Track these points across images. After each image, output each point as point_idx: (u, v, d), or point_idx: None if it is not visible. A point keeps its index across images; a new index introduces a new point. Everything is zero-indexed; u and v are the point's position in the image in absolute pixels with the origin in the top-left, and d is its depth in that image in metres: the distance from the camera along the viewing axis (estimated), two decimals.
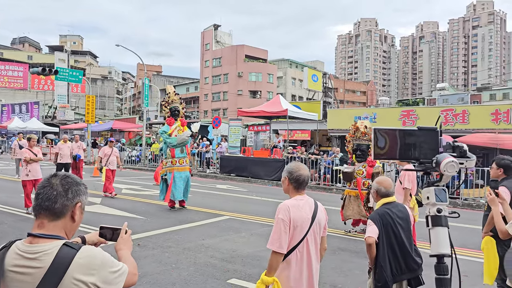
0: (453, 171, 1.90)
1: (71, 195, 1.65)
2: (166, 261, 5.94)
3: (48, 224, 1.61)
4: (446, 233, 1.95)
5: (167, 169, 10.45)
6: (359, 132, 8.30)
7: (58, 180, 1.67)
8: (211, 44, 60.82)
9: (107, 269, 1.58)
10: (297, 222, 2.67)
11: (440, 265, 1.95)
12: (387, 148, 2.11)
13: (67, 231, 1.66)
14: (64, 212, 1.64)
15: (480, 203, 12.73)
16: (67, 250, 1.54)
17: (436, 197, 1.95)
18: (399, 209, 3.61)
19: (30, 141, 9.59)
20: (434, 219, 1.96)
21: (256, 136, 26.22)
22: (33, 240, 1.58)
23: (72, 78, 26.36)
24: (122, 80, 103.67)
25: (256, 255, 6.39)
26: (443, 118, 17.90)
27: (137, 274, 1.79)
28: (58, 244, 1.55)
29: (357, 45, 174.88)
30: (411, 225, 3.62)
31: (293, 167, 2.86)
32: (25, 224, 8.10)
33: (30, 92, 53.31)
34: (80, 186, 1.71)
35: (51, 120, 39.45)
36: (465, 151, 1.98)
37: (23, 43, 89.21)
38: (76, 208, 1.67)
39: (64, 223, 1.65)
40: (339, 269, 5.96)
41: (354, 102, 75.87)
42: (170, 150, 10.46)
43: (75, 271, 1.51)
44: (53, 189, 1.63)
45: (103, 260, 1.59)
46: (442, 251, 1.93)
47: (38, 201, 1.63)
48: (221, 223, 8.79)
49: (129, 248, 1.88)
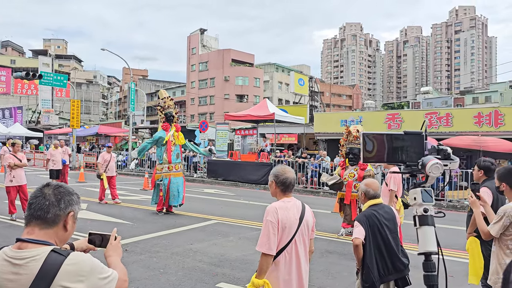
0: (438, 172, 1.99)
1: (63, 205, 1.66)
2: (154, 266, 5.91)
3: (39, 231, 1.61)
4: (433, 232, 2.03)
5: (164, 174, 10.36)
6: (352, 136, 8.49)
7: (51, 190, 1.67)
8: (197, 48, 60.73)
9: (96, 276, 1.56)
10: (285, 224, 2.70)
11: (428, 262, 2.02)
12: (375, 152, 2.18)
13: (57, 240, 1.65)
14: (56, 222, 1.64)
15: (464, 204, 12.94)
16: (55, 257, 1.52)
17: (422, 197, 2.03)
18: (386, 211, 3.67)
19: (14, 147, 9.44)
20: (421, 218, 2.04)
21: (243, 140, 26.25)
22: (21, 245, 1.56)
23: (56, 82, 26.07)
24: (107, 84, 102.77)
25: (244, 259, 6.39)
26: (428, 121, 18.18)
27: (127, 280, 1.78)
28: (46, 250, 1.54)
29: (343, 49, 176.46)
30: (397, 227, 3.67)
31: (279, 170, 2.89)
32: (9, 231, 7.97)
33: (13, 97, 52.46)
34: (73, 196, 1.71)
35: (35, 125, 38.87)
36: (449, 154, 2.08)
37: (6, 47, 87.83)
38: (69, 217, 1.67)
39: (56, 232, 1.64)
40: (327, 271, 5.99)
41: (340, 105, 76.44)
42: (167, 155, 10.39)
43: (63, 278, 1.49)
44: (45, 199, 1.63)
45: (92, 267, 1.57)
46: (429, 249, 2.01)
47: (31, 211, 1.62)
48: (209, 228, 8.76)
49: (118, 254, 1.87)
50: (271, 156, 18.64)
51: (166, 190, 10.24)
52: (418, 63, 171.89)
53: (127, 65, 27.79)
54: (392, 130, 18.96)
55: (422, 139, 2.15)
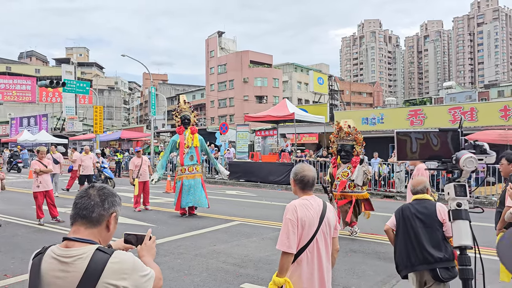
0: (472, 166, 2.00)
1: (107, 205, 1.73)
2: (179, 267, 5.95)
3: (84, 230, 1.68)
4: (467, 226, 2.04)
5: (178, 177, 10.58)
6: (343, 132, 8.15)
7: (96, 191, 1.75)
8: (215, 51, 61.08)
9: (138, 273, 1.64)
10: (305, 222, 2.68)
11: (463, 256, 2.06)
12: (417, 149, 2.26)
13: (101, 239, 1.72)
14: (100, 221, 1.71)
15: (492, 200, 12.60)
16: (101, 255, 1.60)
17: (455, 192, 2.05)
18: (424, 206, 3.75)
19: (39, 153, 9.69)
20: (455, 213, 2.06)
21: (263, 140, 26.23)
22: (68, 244, 1.64)
23: (79, 89, 26.60)
24: (128, 90, 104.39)
25: (268, 259, 6.38)
26: (451, 116, 17.79)
27: (162, 279, 1.84)
28: (92, 249, 1.61)
29: (362, 47, 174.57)
30: (436, 222, 3.66)
31: (298, 168, 2.90)
32: (37, 235, 8.17)
33: (39, 105, 53.84)
34: (116, 197, 1.79)
35: (60, 132, 39.76)
36: (485, 149, 2.10)
37: (30, 56, 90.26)
38: (112, 218, 1.75)
39: (99, 231, 1.71)
40: (351, 270, 5.92)
41: (361, 103, 75.64)
42: (179, 158, 10.61)
43: (108, 276, 1.57)
44: (90, 199, 1.71)
45: (134, 265, 1.64)
46: (463, 243, 2.04)
47: (76, 210, 1.71)
48: (232, 229, 8.79)
49: (152, 255, 1.92)
50: (292, 156, 18.57)
51: (178, 193, 10.38)
52: (440, 58, 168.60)
53: (147, 71, 28.18)
54: (415, 126, 18.64)
55: (458, 136, 2.19)
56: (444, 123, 17.71)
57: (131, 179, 11.62)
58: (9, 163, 27.15)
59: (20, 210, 10.96)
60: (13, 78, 54.72)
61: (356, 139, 8.09)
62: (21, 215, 10.29)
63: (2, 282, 5.29)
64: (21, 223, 9.38)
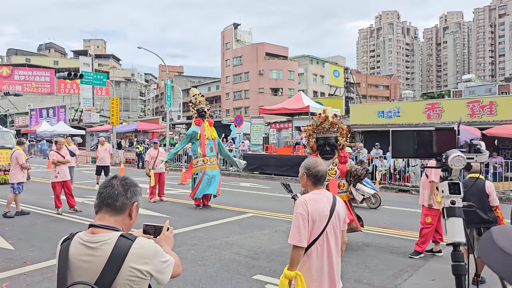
0: (460, 164, 2.07)
1: (130, 194, 1.84)
2: (192, 258, 6.04)
3: (109, 218, 1.79)
4: (461, 223, 2.08)
5: (199, 167, 10.56)
6: (328, 123, 6.68)
7: (118, 181, 1.85)
8: (231, 43, 61.01)
9: (159, 259, 1.74)
10: (315, 216, 2.71)
11: (456, 253, 2.08)
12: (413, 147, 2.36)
13: (124, 227, 1.83)
14: (124, 210, 1.82)
15: (510, 196, 12.40)
16: (124, 241, 1.70)
17: (449, 190, 2.11)
18: (476, 181, 4.71)
19: (57, 144, 9.88)
20: (449, 210, 2.11)
21: (278, 133, 26.22)
22: (94, 230, 1.75)
23: (96, 81, 26.97)
24: (144, 81, 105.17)
25: (280, 252, 6.42)
26: (470, 110, 17.49)
27: (181, 266, 1.95)
28: (116, 235, 1.72)
29: (379, 39, 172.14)
30: (484, 194, 4.98)
31: (311, 163, 2.90)
32: (56, 225, 8.36)
33: (57, 97, 54.78)
34: (137, 187, 1.90)
35: (78, 123, 40.40)
36: (478, 149, 2.15)
37: (49, 48, 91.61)
38: (134, 206, 1.86)
39: (122, 219, 1.82)
40: (364, 264, 5.93)
41: (377, 96, 74.80)
42: (201, 149, 10.60)
43: (132, 260, 1.67)
44: (114, 188, 1.82)
45: (156, 251, 1.74)
46: (457, 239, 2.07)
47: (101, 199, 1.81)
48: (245, 221, 8.86)
49: (170, 245, 2.02)
50: (306, 149, 18.53)
51: (198, 180, 10.45)
52: (459, 50, 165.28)
53: (163, 63, 28.38)
54: (431, 120, 18.39)
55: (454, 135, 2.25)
56: (462, 117, 17.44)
57: (147, 170, 11.72)
58: None
59: (39, 200, 11.23)
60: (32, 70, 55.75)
61: (341, 130, 6.79)
62: (40, 204, 10.54)
63: (21, 269, 5.46)
64: (40, 212, 9.61)
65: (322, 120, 6.72)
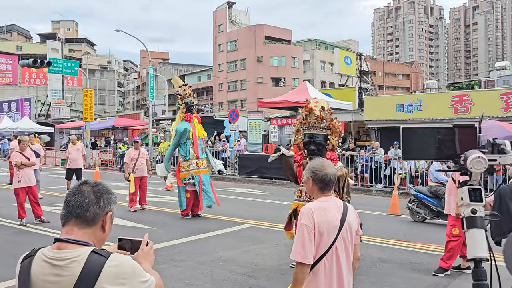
0: (481, 167, 2.04)
1: (102, 203, 1.82)
2: (179, 276, 6.04)
3: (77, 231, 1.76)
4: (483, 235, 2.07)
5: (193, 172, 10.43)
6: (314, 117, 6.20)
7: (89, 188, 1.83)
8: (225, 25, 60.95)
9: (137, 279, 1.71)
10: (323, 227, 2.69)
11: (478, 270, 2.06)
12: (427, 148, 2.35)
13: (96, 241, 1.80)
14: (95, 221, 1.79)
15: None
16: (96, 258, 1.67)
17: (470, 197, 2.08)
18: None
19: (21, 144, 9.84)
20: (469, 220, 2.09)
21: (280, 130, 26.22)
22: (60, 245, 1.72)
23: (67, 70, 26.92)
24: (123, 70, 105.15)
25: (281, 268, 6.44)
26: (504, 103, 17.54)
27: (163, 286, 1.92)
28: (87, 251, 1.68)
29: (398, 20, 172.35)
30: None
31: (317, 165, 2.88)
32: (20, 237, 8.35)
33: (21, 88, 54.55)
34: (111, 194, 1.88)
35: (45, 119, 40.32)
36: (503, 149, 2.12)
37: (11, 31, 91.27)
38: (107, 217, 1.83)
39: (94, 232, 1.80)
40: (379, 283, 5.94)
41: (396, 87, 74.94)
42: (194, 149, 10.51)
43: (105, 281, 1.64)
44: (84, 196, 1.79)
45: (134, 269, 1.72)
46: (479, 255, 2.05)
47: (69, 209, 1.78)
48: (241, 233, 8.87)
49: (150, 262, 1.99)
50: None
51: (199, 190, 10.34)
52: (491, 33, 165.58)
53: (145, 48, 28.33)
54: (459, 115, 18.43)
55: (475, 132, 2.21)
56: (495, 111, 17.48)
57: (127, 174, 11.57)
58: None
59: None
60: None
61: (332, 127, 6.21)
62: (0, 214, 10.50)
63: None
64: (0, 224, 9.57)
65: (306, 112, 6.29)
